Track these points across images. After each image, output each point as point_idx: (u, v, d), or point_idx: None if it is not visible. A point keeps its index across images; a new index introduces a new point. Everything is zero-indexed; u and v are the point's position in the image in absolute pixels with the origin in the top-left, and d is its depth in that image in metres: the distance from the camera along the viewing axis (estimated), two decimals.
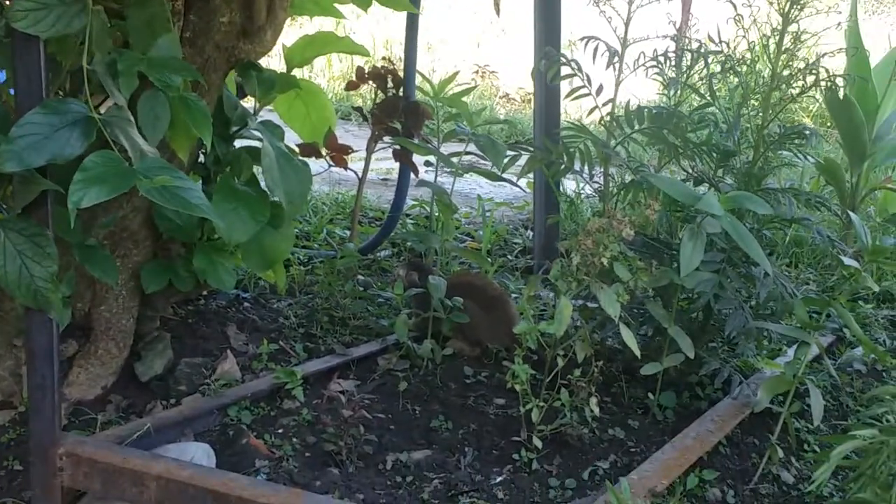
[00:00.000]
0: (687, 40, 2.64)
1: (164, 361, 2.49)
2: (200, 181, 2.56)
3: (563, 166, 2.68)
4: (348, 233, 3.74)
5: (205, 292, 2.96)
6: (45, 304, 1.77)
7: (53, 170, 1.77)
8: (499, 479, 2.14)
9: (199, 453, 2.08)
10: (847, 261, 2.20)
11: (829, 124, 6.81)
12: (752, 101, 2.49)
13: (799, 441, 2.38)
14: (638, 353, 2.19)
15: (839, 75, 2.39)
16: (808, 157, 2.71)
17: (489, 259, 3.62)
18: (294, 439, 2.24)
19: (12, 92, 1.94)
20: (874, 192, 4.48)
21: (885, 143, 4.06)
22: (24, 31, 1.68)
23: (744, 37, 2.37)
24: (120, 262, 2.34)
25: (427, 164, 3.25)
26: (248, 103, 2.64)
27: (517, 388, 2.21)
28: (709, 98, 2.55)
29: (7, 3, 1.88)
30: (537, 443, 2.20)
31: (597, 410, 2.20)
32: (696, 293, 2.43)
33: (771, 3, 2.35)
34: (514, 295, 3.25)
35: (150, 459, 1.87)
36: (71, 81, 2.16)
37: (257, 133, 2.45)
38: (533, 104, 3.90)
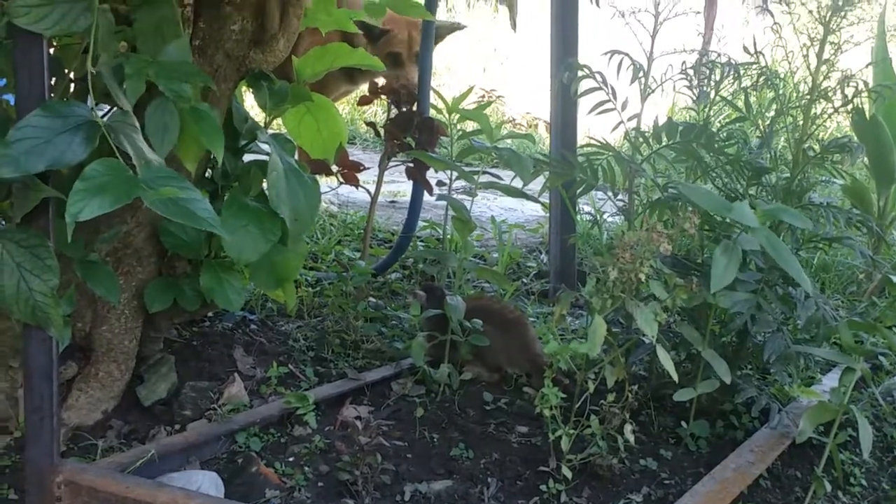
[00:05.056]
0: (716, 54, 2.54)
1: (167, 385, 2.36)
2: (208, 196, 2.44)
3: (585, 184, 2.57)
4: (358, 254, 3.62)
5: (210, 313, 2.83)
6: (45, 321, 1.65)
7: (57, 178, 1.67)
8: None
9: (206, 482, 1.95)
10: None
11: None
12: (789, 116, 2.38)
13: (844, 474, 2.24)
14: (676, 376, 2.05)
15: (887, 84, 2.28)
16: (841, 176, 2.59)
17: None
18: (306, 468, 2.10)
19: (11, 102, 1.84)
20: None
21: None
22: (27, 29, 1.57)
23: (782, 47, 2.26)
24: (123, 279, 2.22)
25: (440, 184, 3.13)
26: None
27: (546, 412, 2.06)
28: (742, 112, 2.43)
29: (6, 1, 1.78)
30: (567, 473, 2.05)
31: (632, 439, 2.06)
32: (729, 315, 2.30)
33: (811, 13, 2.25)
34: (531, 319, 3.13)
35: (155, 489, 1.75)
36: (74, 90, 2.06)
37: (266, 147, 2.34)
38: (549, 117, 3.80)
